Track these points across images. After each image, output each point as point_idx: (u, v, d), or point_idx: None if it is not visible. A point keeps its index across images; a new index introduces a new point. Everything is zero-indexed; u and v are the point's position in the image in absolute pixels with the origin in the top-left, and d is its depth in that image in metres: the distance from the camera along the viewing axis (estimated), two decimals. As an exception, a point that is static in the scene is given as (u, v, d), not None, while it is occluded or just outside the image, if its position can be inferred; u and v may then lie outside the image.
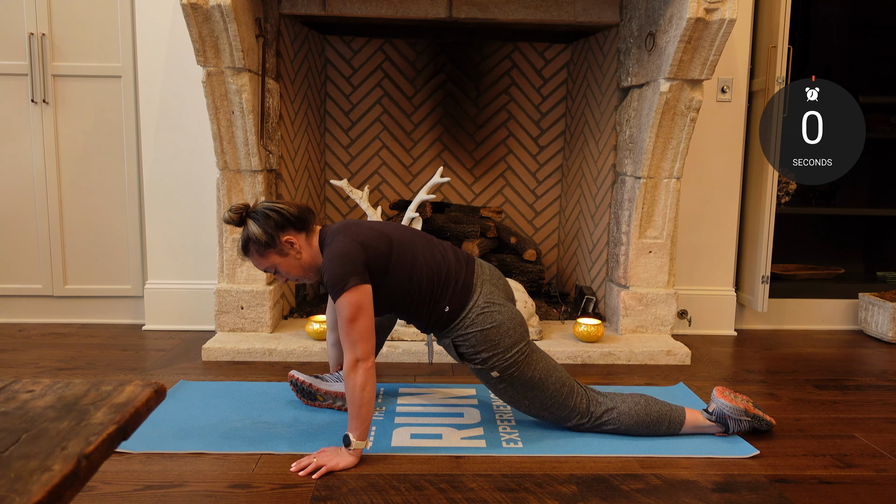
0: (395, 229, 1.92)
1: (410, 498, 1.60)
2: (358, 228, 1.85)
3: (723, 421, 1.95)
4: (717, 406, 1.96)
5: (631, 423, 1.92)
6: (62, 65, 2.94)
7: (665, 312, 2.86)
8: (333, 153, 3.53)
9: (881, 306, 3.09)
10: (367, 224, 1.91)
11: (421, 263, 1.85)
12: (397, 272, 1.83)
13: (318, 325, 2.67)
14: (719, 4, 2.37)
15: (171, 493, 1.60)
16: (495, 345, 1.84)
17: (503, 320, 1.85)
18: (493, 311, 1.86)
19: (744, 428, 1.96)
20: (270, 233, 1.80)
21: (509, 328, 1.86)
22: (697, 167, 3.07)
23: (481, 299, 1.87)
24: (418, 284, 1.84)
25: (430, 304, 1.87)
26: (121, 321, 3.12)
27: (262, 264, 1.84)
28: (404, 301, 1.87)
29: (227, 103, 2.56)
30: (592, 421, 1.93)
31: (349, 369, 1.72)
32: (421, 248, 1.89)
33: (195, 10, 2.35)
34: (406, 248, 1.86)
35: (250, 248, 1.82)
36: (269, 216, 1.80)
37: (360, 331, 1.72)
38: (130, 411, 0.89)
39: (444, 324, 1.88)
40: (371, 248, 1.80)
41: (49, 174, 3.00)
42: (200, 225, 2.96)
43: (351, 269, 1.73)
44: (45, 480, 0.70)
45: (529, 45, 3.46)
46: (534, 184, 3.59)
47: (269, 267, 1.84)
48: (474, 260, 1.96)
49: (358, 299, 1.72)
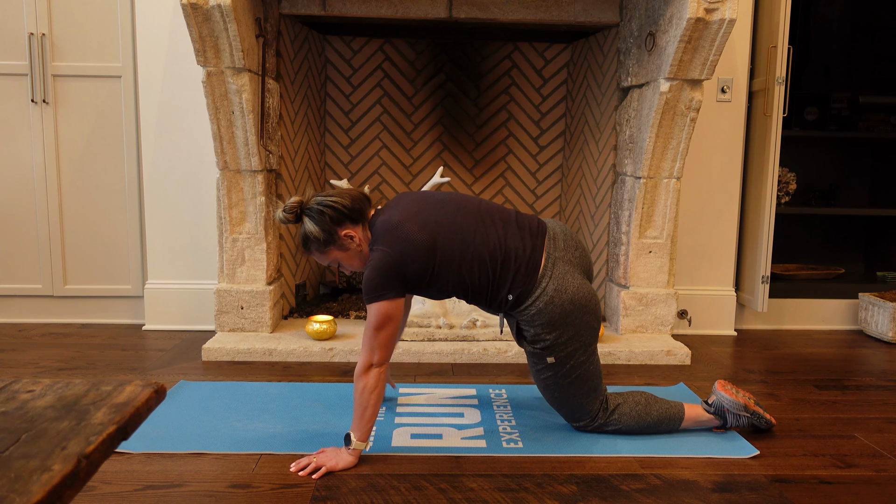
0: (446, 214, 1.79)
1: (410, 498, 1.60)
2: (403, 233, 1.74)
3: (721, 414, 1.95)
4: (716, 398, 1.96)
5: (632, 424, 1.93)
6: (62, 65, 2.94)
7: (665, 312, 2.86)
8: (333, 153, 3.53)
9: (881, 306, 3.09)
10: (415, 220, 1.77)
11: (469, 258, 1.77)
12: (444, 272, 1.77)
13: (318, 325, 2.67)
14: (719, 4, 2.37)
15: (171, 493, 1.60)
16: (562, 332, 1.80)
17: (574, 309, 1.79)
18: (563, 301, 1.78)
19: (743, 423, 1.96)
20: (328, 229, 1.77)
21: (580, 315, 1.80)
22: (697, 167, 3.07)
23: (551, 286, 1.78)
24: (469, 279, 1.78)
25: (489, 293, 1.82)
26: (121, 321, 3.12)
27: (324, 260, 1.83)
28: (460, 291, 1.83)
29: (227, 103, 2.56)
30: (596, 424, 1.94)
31: (362, 371, 1.72)
32: (472, 235, 1.78)
33: (195, 10, 2.35)
34: (454, 242, 1.76)
35: (311, 246, 1.80)
36: (323, 212, 1.76)
37: (382, 339, 1.73)
38: (130, 411, 0.89)
39: (511, 307, 1.83)
40: (412, 260, 1.73)
41: (49, 174, 3.00)
42: (200, 225, 2.96)
43: (388, 283, 1.72)
44: (45, 480, 0.70)
45: (529, 45, 3.46)
46: (534, 184, 3.59)
47: (332, 262, 1.82)
48: (545, 233, 1.85)
49: (389, 311, 1.72)
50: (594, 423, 1.93)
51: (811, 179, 3.71)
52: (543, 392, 1.94)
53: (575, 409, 1.92)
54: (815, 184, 3.69)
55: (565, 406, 1.93)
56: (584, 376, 1.86)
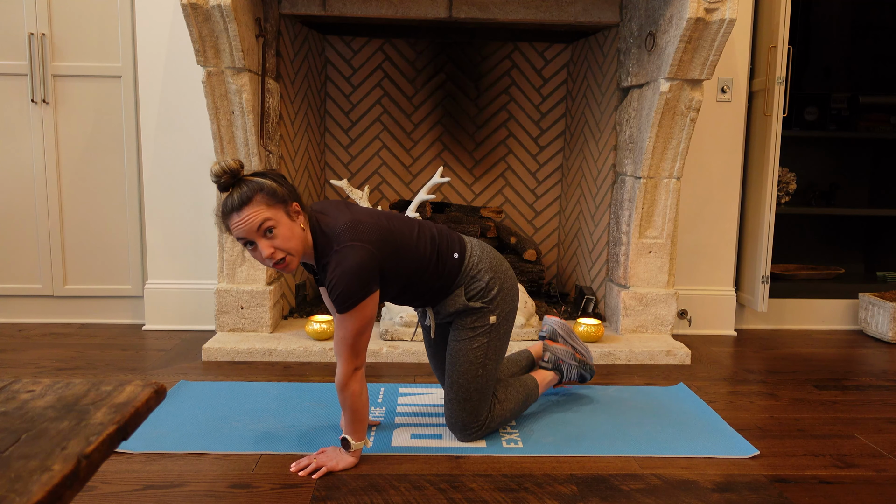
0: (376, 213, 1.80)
1: (410, 498, 1.60)
2: (361, 224, 1.69)
3: (558, 367, 2.07)
4: (551, 354, 2.09)
5: (508, 416, 1.97)
6: (62, 65, 2.94)
7: (665, 312, 2.86)
8: (333, 153, 3.53)
9: (881, 306, 3.09)
10: (363, 211, 1.77)
11: (422, 227, 1.82)
12: (404, 249, 1.75)
13: (318, 325, 2.67)
14: (719, 4, 2.37)
15: (171, 493, 1.60)
16: (503, 279, 1.86)
17: (502, 262, 1.90)
18: (492, 252, 1.90)
19: (574, 375, 2.09)
20: (288, 189, 1.62)
21: (508, 275, 1.90)
22: (697, 167, 3.07)
23: (477, 244, 1.90)
24: (423, 248, 1.78)
25: (439, 262, 1.81)
26: (121, 321, 3.12)
27: (258, 216, 1.56)
28: (418, 271, 1.78)
29: (227, 103, 2.56)
30: (484, 429, 1.92)
31: (348, 378, 1.68)
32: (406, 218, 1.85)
33: (195, 10, 2.35)
34: (400, 219, 1.81)
35: (256, 196, 1.56)
36: (284, 177, 1.65)
37: (364, 341, 1.69)
38: (130, 411, 0.89)
39: (455, 273, 1.82)
40: (382, 243, 1.69)
41: (49, 174, 3.00)
42: (200, 225, 2.97)
43: (368, 283, 1.64)
44: (45, 480, 0.70)
45: (529, 45, 3.46)
46: (534, 184, 3.59)
47: (267, 223, 1.57)
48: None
49: (370, 312, 1.67)
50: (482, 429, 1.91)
51: (811, 179, 3.71)
52: (464, 375, 1.85)
53: (483, 401, 1.88)
54: (815, 184, 3.69)
55: (477, 395, 1.86)
56: (501, 353, 1.90)
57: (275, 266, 1.60)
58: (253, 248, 1.60)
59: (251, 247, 1.60)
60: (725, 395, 2.35)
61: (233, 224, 1.58)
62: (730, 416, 2.13)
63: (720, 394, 2.36)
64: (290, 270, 1.64)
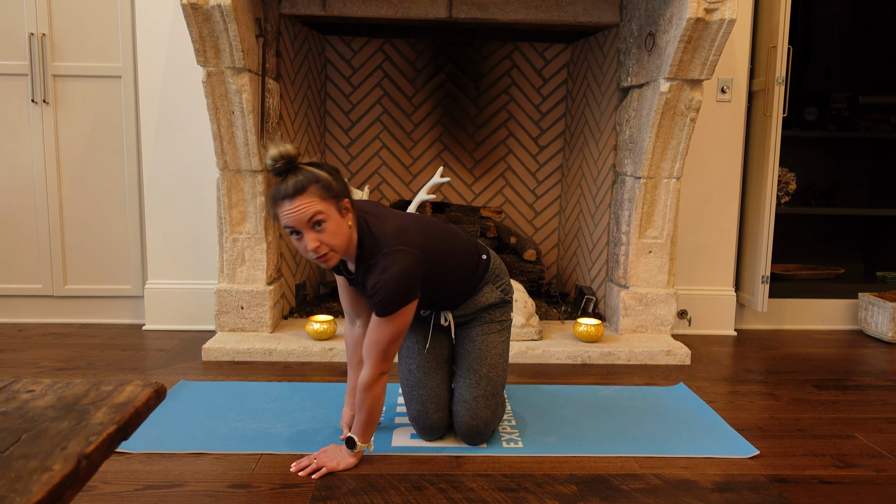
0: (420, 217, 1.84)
1: (410, 498, 1.60)
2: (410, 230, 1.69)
3: None
4: None
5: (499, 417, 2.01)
6: (62, 65, 2.94)
7: (665, 312, 2.86)
8: (333, 153, 3.53)
9: (881, 306, 3.09)
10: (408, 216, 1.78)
11: (452, 230, 1.86)
12: (448, 254, 1.77)
13: (318, 325, 2.67)
14: (719, 4, 2.37)
15: (171, 493, 1.60)
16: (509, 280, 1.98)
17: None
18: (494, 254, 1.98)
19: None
20: (341, 185, 1.59)
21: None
22: (697, 167, 3.07)
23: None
24: (465, 252, 1.83)
25: (476, 265, 1.86)
26: (121, 321, 3.12)
27: (311, 208, 1.53)
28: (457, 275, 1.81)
29: (227, 103, 2.56)
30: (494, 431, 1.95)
31: (372, 381, 1.67)
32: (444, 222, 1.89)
33: (195, 10, 2.35)
34: (441, 224, 1.83)
35: (310, 187, 1.53)
36: (338, 171, 1.61)
37: (396, 347, 1.69)
38: (130, 411, 0.89)
39: (483, 273, 1.86)
40: (428, 250, 1.69)
41: (49, 174, 3.00)
42: (200, 225, 2.97)
43: (412, 289, 1.64)
44: (45, 480, 0.70)
45: (529, 45, 3.46)
46: (534, 184, 3.59)
47: (318, 216, 1.54)
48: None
49: (408, 319, 1.67)
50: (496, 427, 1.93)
51: (811, 179, 3.71)
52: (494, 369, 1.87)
53: (502, 398, 1.92)
54: (814, 184, 3.69)
55: (500, 390, 1.90)
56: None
57: (316, 259, 1.58)
58: (298, 238, 1.57)
59: (297, 236, 1.57)
60: (725, 395, 2.35)
61: (283, 211, 1.55)
62: (730, 416, 2.13)
63: (720, 394, 2.36)
64: (329, 266, 1.61)
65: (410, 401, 1.89)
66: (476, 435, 1.86)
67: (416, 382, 1.89)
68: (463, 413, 1.85)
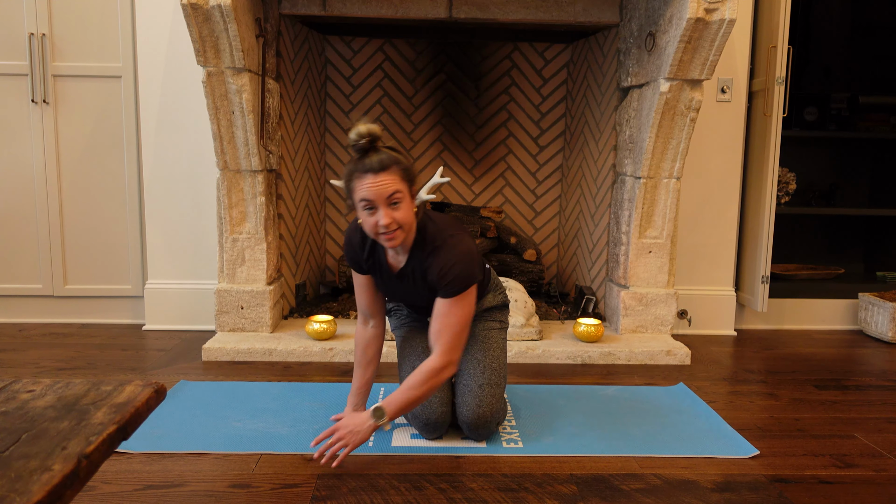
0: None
1: (410, 498, 1.60)
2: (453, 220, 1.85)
3: None
4: None
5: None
6: (62, 65, 2.94)
7: (665, 312, 2.86)
8: (333, 153, 3.53)
9: (881, 306, 3.09)
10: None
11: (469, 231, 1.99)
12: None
13: (318, 326, 2.67)
14: (719, 4, 2.37)
15: (171, 493, 1.60)
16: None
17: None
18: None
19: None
20: (413, 174, 1.70)
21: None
22: (697, 167, 3.07)
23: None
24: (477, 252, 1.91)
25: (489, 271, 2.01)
26: (121, 321, 3.12)
27: (393, 185, 1.62)
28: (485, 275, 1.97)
29: (227, 103, 2.56)
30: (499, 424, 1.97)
31: (440, 368, 1.70)
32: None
33: (195, 10, 2.35)
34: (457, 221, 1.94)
35: (394, 167, 1.63)
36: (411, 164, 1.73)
37: (466, 335, 1.73)
38: (130, 411, 0.89)
39: (487, 282, 1.99)
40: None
41: (49, 174, 3.00)
42: (200, 225, 2.97)
43: (478, 270, 1.71)
44: (45, 480, 0.70)
45: (529, 45, 3.46)
46: (534, 184, 3.59)
47: (397, 195, 1.63)
48: None
49: (473, 301, 1.73)
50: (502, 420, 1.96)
51: (811, 179, 3.71)
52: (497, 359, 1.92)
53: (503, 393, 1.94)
54: (814, 184, 3.70)
55: (504, 381, 1.94)
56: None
57: (385, 235, 1.65)
58: (371, 213, 1.64)
59: (370, 211, 1.64)
60: (725, 395, 2.35)
61: (365, 184, 1.62)
62: (730, 416, 2.13)
63: (720, 394, 2.36)
64: (393, 244, 1.68)
65: None
66: (483, 424, 1.86)
67: None
68: (469, 402, 1.86)
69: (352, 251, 1.85)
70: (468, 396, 1.86)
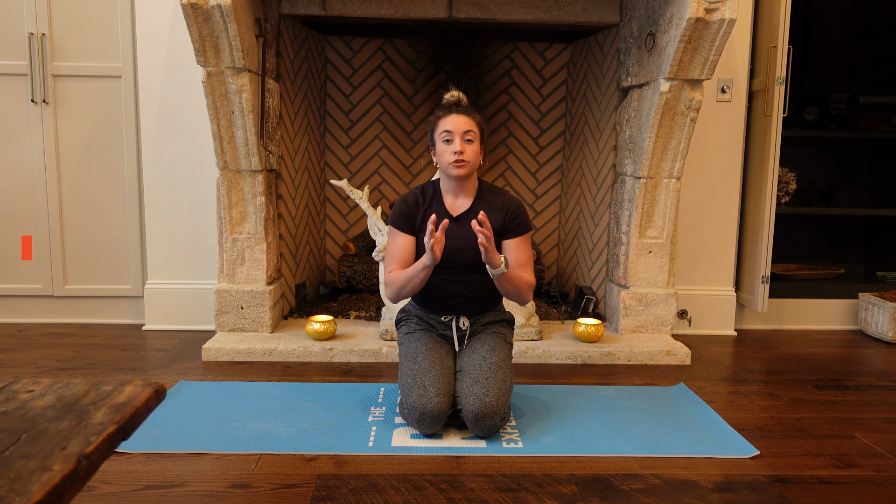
0: None
1: (410, 498, 1.60)
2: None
3: None
4: None
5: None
6: (62, 65, 2.94)
7: (665, 312, 2.86)
8: (333, 153, 3.53)
9: (881, 306, 3.09)
10: None
11: None
12: None
13: (318, 326, 2.67)
14: (719, 4, 2.37)
15: (171, 493, 1.60)
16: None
17: None
18: None
19: None
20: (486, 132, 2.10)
21: None
22: (697, 167, 3.07)
23: None
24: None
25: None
26: (121, 321, 3.12)
27: (472, 125, 1.98)
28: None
29: (227, 103, 2.56)
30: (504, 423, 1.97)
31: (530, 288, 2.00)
32: None
33: (195, 10, 2.35)
34: None
35: (477, 117, 2.01)
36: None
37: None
38: (130, 411, 0.89)
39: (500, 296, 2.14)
40: None
41: (49, 174, 3.00)
42: (200, 225, 2.97)
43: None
44: (45, 480, 0.70)
45: (529, 45, 3.46)
46: (534, 184, 3.59)
47: (471, 135, 1.97)
48: None
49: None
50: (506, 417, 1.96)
51: (811, 179, 3.71)
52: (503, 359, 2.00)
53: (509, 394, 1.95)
54: (815, 184, 3.69)
55: (510, 380, 1.97)
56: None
57: (455, 162, 1.95)
58: (448, 142, 1.97)
59: (448, 142, 1.97)
60: (725, 395, 2.35)
61: (451, 117, 1.98)
62: (730, 416, 2.13)
63: (720, 394, 2.36)
64: (460, 172, 1.97)
65: (411, 389, 1.91)
66: (488, 415, 1.86)
67: (419, 371, 1.93)
68: (476, 391, 1.88)
69: (407, 210, 2.04)
70: (475, 386, 1.89)
